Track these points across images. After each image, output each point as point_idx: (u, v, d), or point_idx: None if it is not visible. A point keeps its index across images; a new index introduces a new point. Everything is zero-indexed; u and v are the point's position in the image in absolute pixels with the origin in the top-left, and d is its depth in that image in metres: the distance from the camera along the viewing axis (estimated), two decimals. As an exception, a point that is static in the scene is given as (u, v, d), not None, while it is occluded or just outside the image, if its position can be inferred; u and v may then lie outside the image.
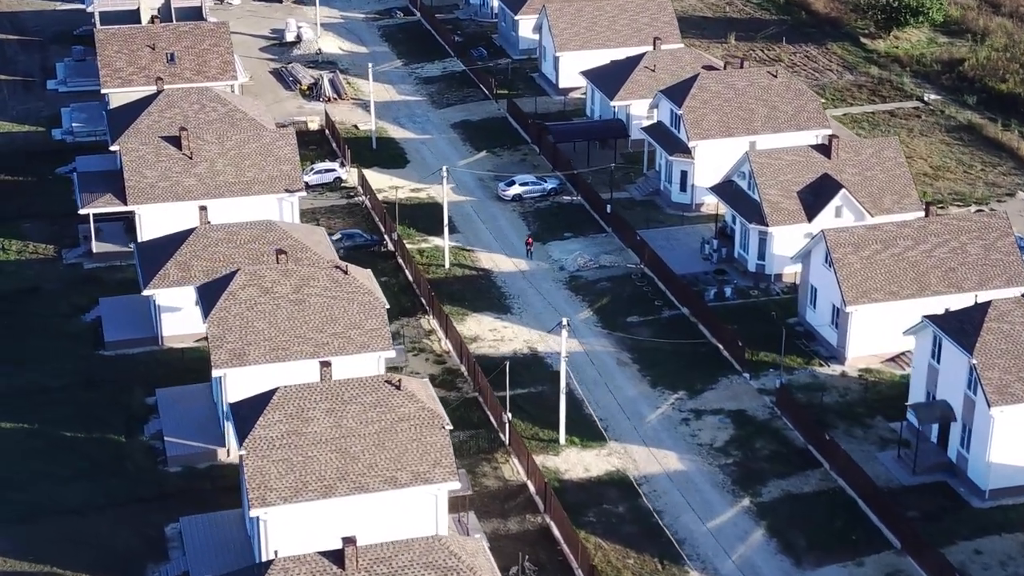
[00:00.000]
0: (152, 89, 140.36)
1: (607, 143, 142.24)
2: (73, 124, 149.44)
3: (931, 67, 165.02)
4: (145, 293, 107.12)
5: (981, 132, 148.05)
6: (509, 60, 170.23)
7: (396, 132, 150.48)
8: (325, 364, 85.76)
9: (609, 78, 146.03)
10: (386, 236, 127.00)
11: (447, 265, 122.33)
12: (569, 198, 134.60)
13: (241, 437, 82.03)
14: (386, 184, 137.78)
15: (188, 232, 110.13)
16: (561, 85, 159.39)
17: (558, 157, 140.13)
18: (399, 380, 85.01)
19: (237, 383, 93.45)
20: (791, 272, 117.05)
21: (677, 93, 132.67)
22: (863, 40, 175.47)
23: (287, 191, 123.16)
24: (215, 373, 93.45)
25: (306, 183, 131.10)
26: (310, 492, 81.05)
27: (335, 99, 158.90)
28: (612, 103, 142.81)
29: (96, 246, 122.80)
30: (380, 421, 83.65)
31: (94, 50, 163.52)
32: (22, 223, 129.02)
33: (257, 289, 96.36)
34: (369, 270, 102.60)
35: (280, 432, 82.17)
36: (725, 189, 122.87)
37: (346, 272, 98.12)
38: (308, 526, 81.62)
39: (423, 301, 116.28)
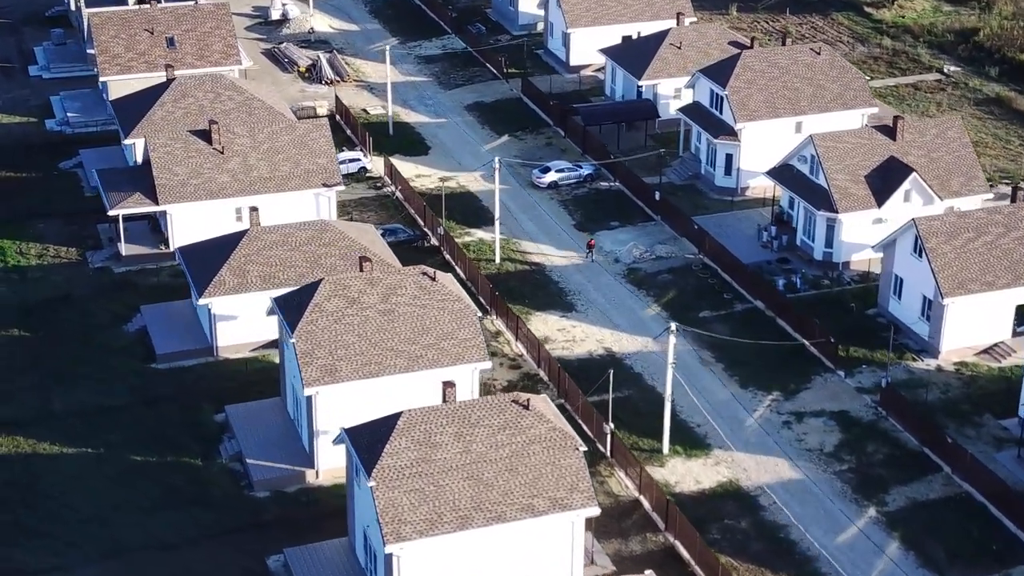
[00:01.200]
0: (153, 76, 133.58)
1: (632, 125, 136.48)
2: (68, 114, 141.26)
3: (944, 37, 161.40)
4: (202, 302, 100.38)
5: (1011, 105, 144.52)
6: (508, 36, 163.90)
7: (408, 116, 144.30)
8: (449, 385, 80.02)
9: (632, 56, 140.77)
10: (427, 230, 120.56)
11: (497, 260, 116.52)
12: (607, 184, 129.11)
13: (367, 467, 75.99)
14: (411, 173, 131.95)
15: (239, 235, 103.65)
16: (572, 63, 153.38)
17: (588, 141, 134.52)
18: (527, 400, 79.38)
19: (329, 401, 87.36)
20: (860, 260, 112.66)
21: (718, 72, 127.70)
22: (868, 9, 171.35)
23: (324, 185, 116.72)
24: (307, 392, 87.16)
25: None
26: (446, 524, 75.39)
27: (337, 81, 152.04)
28: (640, 83, 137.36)
29: (125, 248, 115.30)
30: (511, 444, 78.37)
31: (75, 33, 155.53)
32: (36, 223, 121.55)
33: (343, 300, 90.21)
34: (450, 274, 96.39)
35: (409, 460, 76.58)
36: (783, 174, 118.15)
37: (434, 278, 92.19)
38: (442, 560, 75.85)
39: (482, 301, 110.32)
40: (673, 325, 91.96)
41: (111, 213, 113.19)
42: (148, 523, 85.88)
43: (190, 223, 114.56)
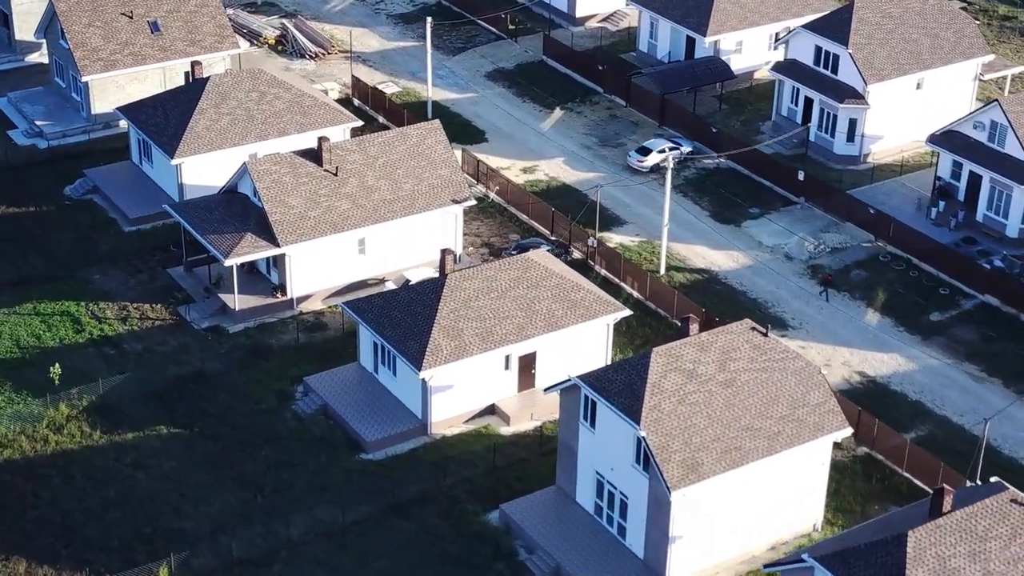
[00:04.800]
0: (143, 70, 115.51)
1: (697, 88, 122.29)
2: (36, 122, 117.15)
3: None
4: (423, 375, 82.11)
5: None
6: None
7: (429, 93, 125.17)
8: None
9: (682, 8, 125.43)
10: (554, 238, 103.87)
11: (662, 269, 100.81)
12: (712, 161, 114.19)
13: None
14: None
15: (433, 283, 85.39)
16: (579, 14, 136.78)
17: (667, 111, 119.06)
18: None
19: (690, 501, 72.28)
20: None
21: (830, 27, 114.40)
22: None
23: (454, 201, 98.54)
24: (675, 496, 70.95)
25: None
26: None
27: (322, 54, 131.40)
28: (705, 39, 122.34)
29: (239, 301, 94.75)
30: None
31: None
32: (87, 275, 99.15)
33: (680, 374, 73.90)
34: (747, 319, 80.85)
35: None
36: (952, 141, 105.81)
37: (765, 334, 76.53)
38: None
39: (677, 324, 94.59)
40: None
41: (228, 264, 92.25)
42: None
43: (309, 264, 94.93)
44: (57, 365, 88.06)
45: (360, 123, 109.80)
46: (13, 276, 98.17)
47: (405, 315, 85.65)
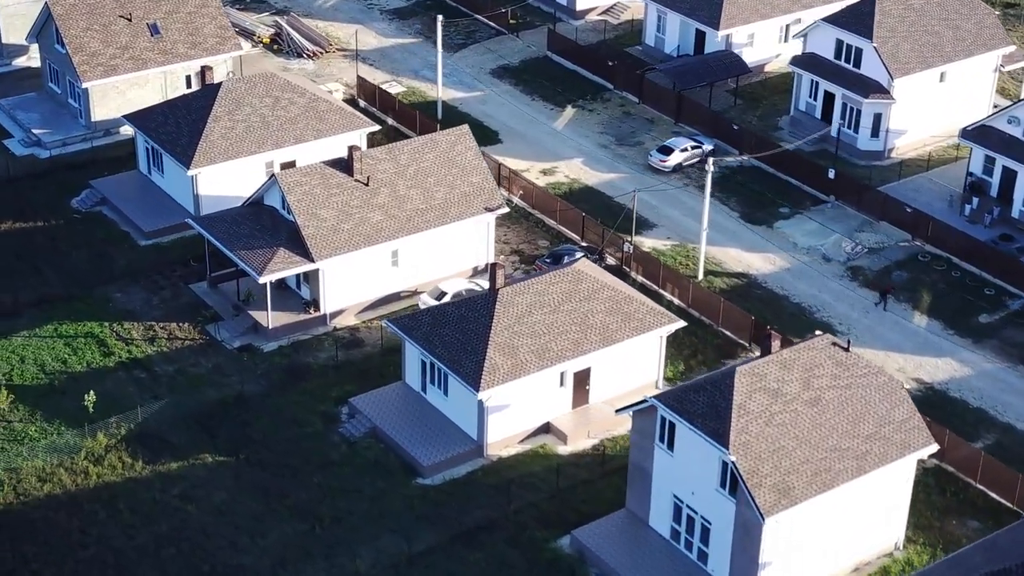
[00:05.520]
0: (144, 75, 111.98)
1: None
2: (33, 130, 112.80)
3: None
4: (481, 396, 79.21)
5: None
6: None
7: (434, 91, 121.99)
8: None
9: (691, 0, 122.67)
10: (585, 244, 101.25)
11: (700, 275, 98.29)
12: (735, 159, 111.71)
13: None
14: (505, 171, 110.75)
15: (484, 299, 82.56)
16: (577, 8, 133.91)
17: (683, 108, 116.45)
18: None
19: (782, 526, 70.05)
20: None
21: (852, 20, 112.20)
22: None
23: (487, 209, 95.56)
24: (768, 523, 68.41)
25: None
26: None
27: (319, 53, 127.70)
28: (718, 33, 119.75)
29: (272, 318, 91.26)
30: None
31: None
32: (106, 293, 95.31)
33: (765, 394, 71.39)
34: (827, 334, 78.37)
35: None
36: (985, 136, 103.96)
37: (847, 349, 74.14)
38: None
39: (725, 332, 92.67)
40: None
41: (262, 281, 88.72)
42: None
43: (342, 278, 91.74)
44: (92, 393, 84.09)
45: (377, 127, 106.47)
46: (30, 296, 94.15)
47: (456, 332, 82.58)
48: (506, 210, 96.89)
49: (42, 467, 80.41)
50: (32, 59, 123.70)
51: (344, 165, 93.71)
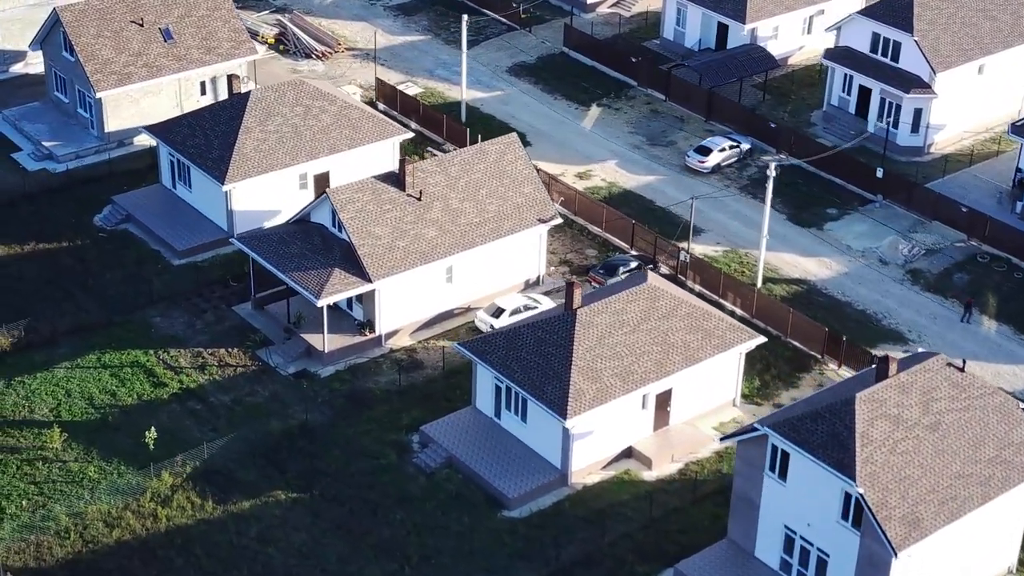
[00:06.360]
0: (158, 83, 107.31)
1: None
2: (43, 143, 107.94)
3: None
4: (568, 425, 75.93)
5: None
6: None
7: (452, 91, 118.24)
8: None
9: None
10: (634, 251, 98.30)
11: (760, 283, 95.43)
12: (774, 159, 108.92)
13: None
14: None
15: (561, 320, 79.32)
16: (588, 0, 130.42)
17: (713, 105, 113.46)
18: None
19: (914, 562, 67.14)
20: None
21: (890, 13, 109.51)
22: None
23: (540, 221, 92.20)
24: (901, 556, 65.67)
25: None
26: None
27: (328, 53, 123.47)
28: (744, 26, 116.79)
29: (328, 341, 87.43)
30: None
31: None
32: (145, 317, 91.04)
33: (887, 421, 68.66)
34: (940, 354, 75.68)
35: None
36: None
37: (962, 369, 71.53)
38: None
39: (795, 344, 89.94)
40: None
41: (320, 304, 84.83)
42: None
43: (397, 297, 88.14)
44: (152, 429, 79.94)
45: (411, 135, 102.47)
46: (67, 323, 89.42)
47: (534, 356, 79.18)
48: (559, 220, 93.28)
49: (108, 511, 76.03)
50: (29, 65, 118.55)
51: (395, 179, 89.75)
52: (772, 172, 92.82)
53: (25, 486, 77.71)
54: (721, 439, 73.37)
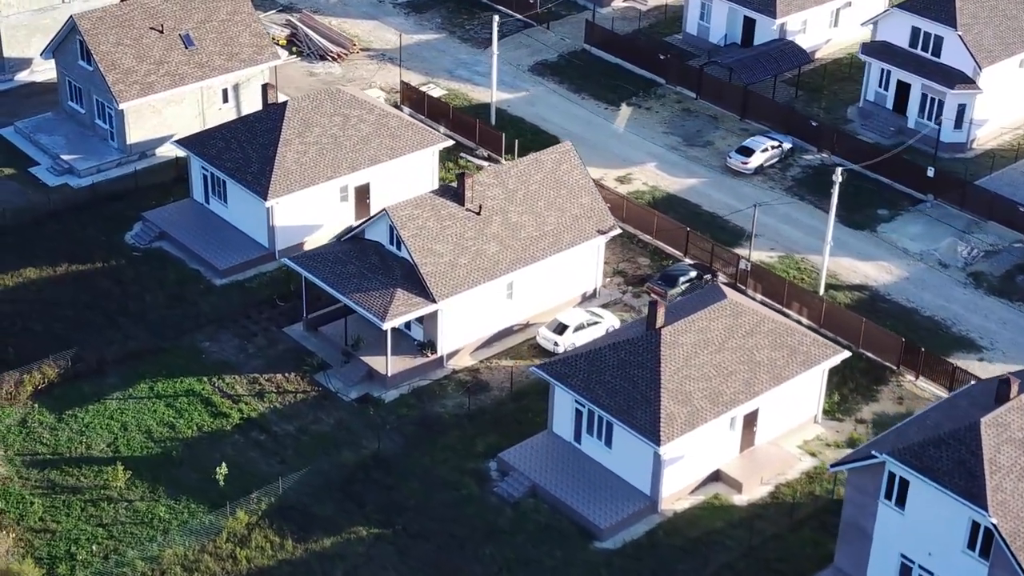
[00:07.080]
0: (180, 92, 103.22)
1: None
2: (62, 156, 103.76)
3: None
4: (661, 451, 73.25)
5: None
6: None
7: (476, 92, 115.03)
8: None
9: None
10: (690, 260, 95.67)
11: (822, 290, 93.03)
12: (818, 157, 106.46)
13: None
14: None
15: (645, 340, 76.51)
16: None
17: (748, 103, 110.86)
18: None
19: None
20: None
21: (931, 7, 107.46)
22: None
23: (599, 232, 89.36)
24: (1033, 588, 63.51)
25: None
26: None
27: (343, 54, 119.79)
28: (774, 20, 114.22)
29: (391, 364, 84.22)
30: None
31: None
32: (194, 342, 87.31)
33: (1012, 445, 66.78)
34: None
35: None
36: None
37: None
38: None
39: (882, 362, 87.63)
40: None
41: (385, 327, 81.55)
42: None
43: (459, 316, 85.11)
44: (224, 465, 76.38)
45: (450, 142, 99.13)
46: (114, 351, 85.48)
47: (619, 379, 76.31)
48: (618, 231, 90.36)
49: (184, 554, 72.42)
50: (35, 73, 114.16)
51: (453, 193, 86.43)
52: (837, 178, 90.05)
53: (92, 529, 73.94)
54: (832, 467, 70.79)
